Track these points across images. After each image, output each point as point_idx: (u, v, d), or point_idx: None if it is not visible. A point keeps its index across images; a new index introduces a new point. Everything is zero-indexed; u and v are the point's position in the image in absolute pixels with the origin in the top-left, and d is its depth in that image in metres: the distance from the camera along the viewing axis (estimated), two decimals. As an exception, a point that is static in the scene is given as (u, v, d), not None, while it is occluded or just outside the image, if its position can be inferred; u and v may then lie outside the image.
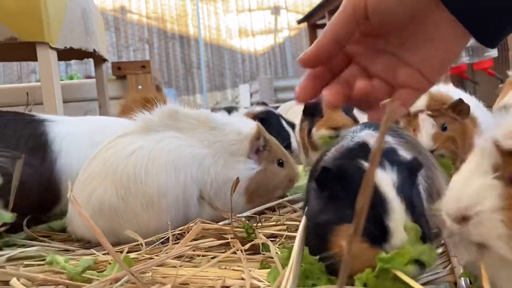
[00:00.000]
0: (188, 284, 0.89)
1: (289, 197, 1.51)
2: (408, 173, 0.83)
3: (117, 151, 1.25)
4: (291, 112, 2.96)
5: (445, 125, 1.69)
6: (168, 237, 1.14)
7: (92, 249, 1.19)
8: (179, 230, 1.20)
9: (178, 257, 1.02)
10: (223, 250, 1.09)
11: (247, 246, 1.04)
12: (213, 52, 10.55)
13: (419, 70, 0.79)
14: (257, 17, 10.67)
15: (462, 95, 1.82)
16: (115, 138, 1.30)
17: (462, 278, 0.81)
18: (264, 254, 1.03)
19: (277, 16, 10.71)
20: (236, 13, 10.61)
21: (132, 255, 1.06)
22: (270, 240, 1.06)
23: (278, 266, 0.85)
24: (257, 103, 3.00)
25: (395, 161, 0.84)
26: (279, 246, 1.06)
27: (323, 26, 7.26)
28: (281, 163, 1.48)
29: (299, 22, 8.39)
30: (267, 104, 2.91)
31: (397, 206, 0.77)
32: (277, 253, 0.94)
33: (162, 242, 1.15)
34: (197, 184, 1.31)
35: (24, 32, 1.92)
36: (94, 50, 2.57)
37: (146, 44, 10.34)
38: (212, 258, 1.03)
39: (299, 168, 1.68)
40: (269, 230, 1.19)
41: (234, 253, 1.01)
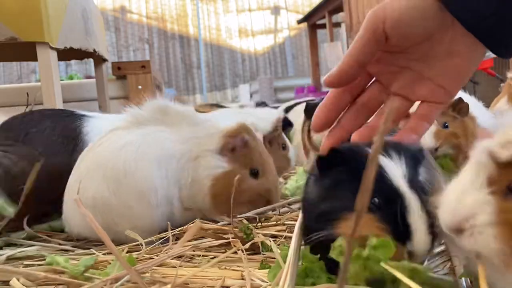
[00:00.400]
0: (188, 284, 0.89)
1: (290, 200, 1.49)
2: (414, 164, 0.82)
3: (107, 146, 1.25)
4: (292, 112, 2.96)
5: (446, 124, 1.71)
6: (167, 237, 1.14)
7: (92, 249, 1.19)
8: (178, 230, 1.20)
9: (178, 257, 1.03)
10: (223, 250, 1.09)
11: (247, 246, 1.04)
12: (213, 52, 10.56)
13: (439, 84, 0.82)
14: (257, 17, 10.68)
15: (461, 95, 1.83)
16: (106, 133, 1.30)
17: (463, 278, 0.82)
18: (264, 254, 1.04)
19: (277, 16, 10.72)
20: (236, 13, 10.62)
21: (132, 255, 1.06)
22: (273, 241, 1.06)
23: (280, 262, 0.85)
24: (257, 103, 3.01)
25: (401, 151, 0.82)
26: (279, 245, 1.06)
27: (323, 26, 7.30)
28: (255, 173, 1.33)
29: (299, 22, 8.39)
30: (267, 104, 2.92)
31: (414, 202, 0.75)
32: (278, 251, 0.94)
33: (161, 243, 1.15)
34: (176, 181, 1.27)
35: (24, 32, 1.92)
36: (94, 50, 2.57)
37: (146, 44, 10.35)
38: (212, 258, 1.04)
39: (292, 184, 1.61)
40: (269, 231, 1.19)
41: (235, 253, 1.01)
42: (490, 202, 0.59)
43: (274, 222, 1.29)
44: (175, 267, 0.93)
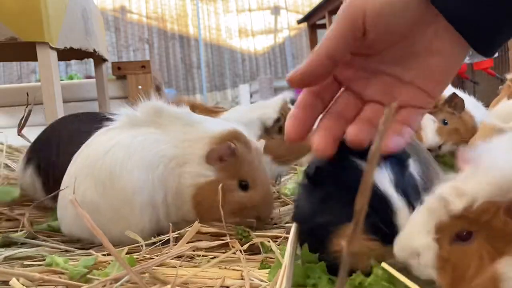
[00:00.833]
0: (188, 284, 0.89)
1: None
2: (400, 166, 0.81)
3: (97, 148, 1.22)
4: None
5: (445, 120, 1.72)
6: (167, 238, 1.13)
7: (91, 250, 1.18)
8: (176, 234, 1.19)
9: (178, 257, 1.03)
10: (224, 251, 1.09)
11: (245, 247, 1.04)
12: (213, 52, 10.55)
13: (420, 86, 0.77)
14: (257, 17, 10.67)
15: (461, 94, 1.83)
16: (98, 134, 1.27)
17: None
18: (264, 254, 1.04)
19: (277, 16, 10.72)
20: (236, 13, 10.61)
21: (132, 255, 1.06)
22: (273, 241, 1.06)
23: (280, 260, 0.85)
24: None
25: (386, 155, 0.80)
26: (279, 245, 1.06)
27: (323, 26, 7.30)
28: (244, 186, 1.22)
29: (299, 22, 8.39)
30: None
31: (400, 204, 0.77)
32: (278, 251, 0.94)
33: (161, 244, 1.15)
34: (163, 187, 1.21)
35: (24, 32, 1.92)
36: (94, 50, 2.58)
37: (146, 44, 10.34)
38: (212, 258, 1.04)
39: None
40: (269, 232, 1.19)
41: (235, 253, 1.01)
42: (433, 248, 0.65)
43: (274, 224, 1.29)
44: (175, 267, 0.93)
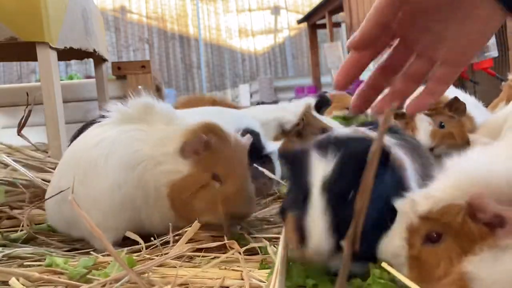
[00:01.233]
0: (188, 284, 0.89)
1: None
2: (352, 163, 0.78)
3: (85, 142, 1.25)
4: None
5: (442, 124, 1.71)
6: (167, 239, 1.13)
7: (91, 250, 1.18)
8: (175, 235, 1.18)
9: (178, 258, 1.02)
10: (223, 251, 1.09)
11: (244, 248, 1.04)
12: (213, 52, 10.56)
13: (457, 46, 0.83)
14: (257, 17, 10.68)
15: (459, 94, 1.82)
16: (90, 129, 1.29)
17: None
18: (263, 254, 1.04)
19: (277, 16, 10.72)
20: (236, 13, 10.62)
21: (132, 256, 1.06)
22: (272, 242, 1.06)
23: (277, 261, 0.86)
24: (257, 103, 3.01)
25: (344, 149, 0.80)
26: (276, 246, 1.06)
27: (323, 26, 7.29)
28: (217, 177, 1.16)
29: (299, 22, 8.40)
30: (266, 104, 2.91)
31: (316, 205, 0.76)
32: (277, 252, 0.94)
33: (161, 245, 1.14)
34: (142, 186, 1.19)
35: (24, 32, 1.92)
36: (94, 50, 2.57)
37: (146, 44, 10.35)
38: (212, 258, 1.04)
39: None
40: (269, 234, 1.19)
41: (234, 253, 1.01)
42: (404, 249, 0.73)
43: (274, 225, 1.29)
44: (175, 267, 0.93)
